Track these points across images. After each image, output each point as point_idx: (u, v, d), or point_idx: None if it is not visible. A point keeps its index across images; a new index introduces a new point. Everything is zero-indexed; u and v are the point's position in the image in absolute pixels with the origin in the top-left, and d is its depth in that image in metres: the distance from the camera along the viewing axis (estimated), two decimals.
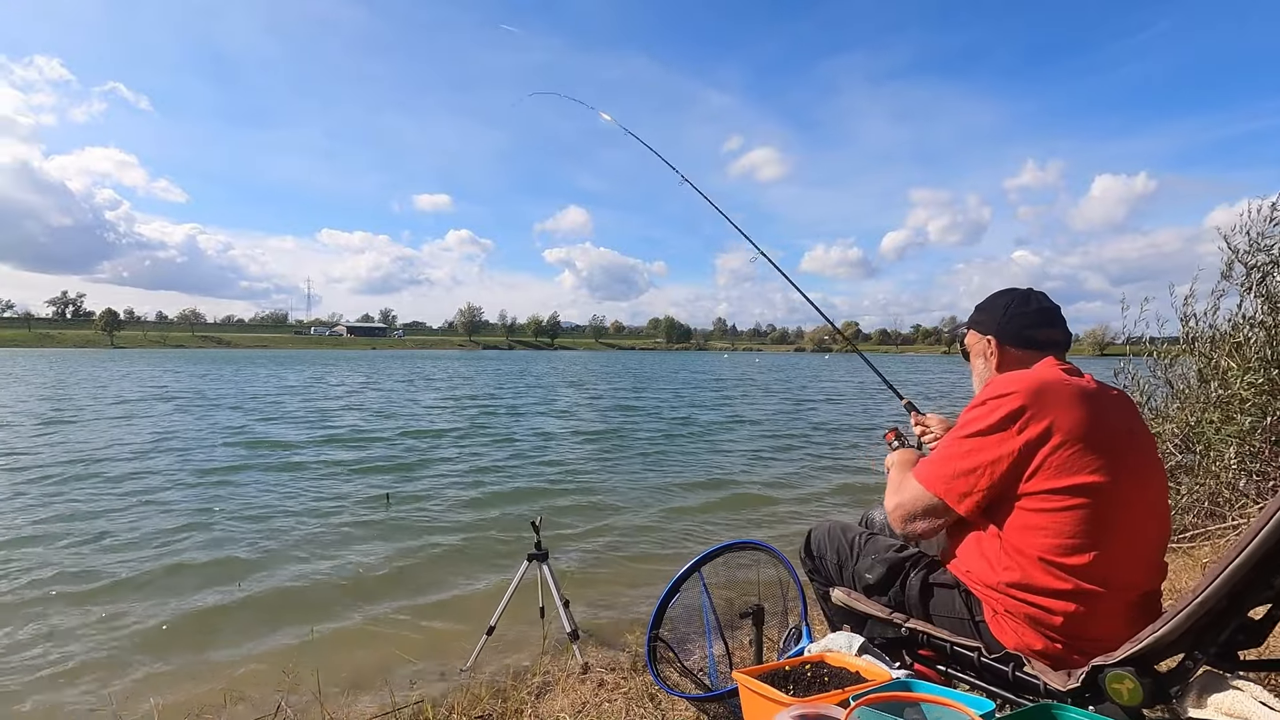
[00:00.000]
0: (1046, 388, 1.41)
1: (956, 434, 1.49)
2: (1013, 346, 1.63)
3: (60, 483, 7.18)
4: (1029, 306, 1.64)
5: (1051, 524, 1.36)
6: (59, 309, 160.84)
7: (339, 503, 6.47)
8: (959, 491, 1.45)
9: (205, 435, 11.07)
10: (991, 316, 1.68)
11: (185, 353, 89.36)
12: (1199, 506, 4.18)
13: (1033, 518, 1.38)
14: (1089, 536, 1.34)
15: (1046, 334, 1.62)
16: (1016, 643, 1.43)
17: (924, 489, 1.51)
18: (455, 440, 10.92)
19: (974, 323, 1.74)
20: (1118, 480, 1.35)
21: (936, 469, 1.50)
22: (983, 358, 1.69)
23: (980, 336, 1.70)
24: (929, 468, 1.53)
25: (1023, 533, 1.40)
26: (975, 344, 1.72)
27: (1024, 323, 1.63)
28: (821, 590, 1.90)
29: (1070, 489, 1.35)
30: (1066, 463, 1.35)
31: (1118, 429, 1.42)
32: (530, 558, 3.09)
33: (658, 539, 5.38)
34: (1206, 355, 4.24)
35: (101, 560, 4.66)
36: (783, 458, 9.46)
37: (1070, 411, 1.38)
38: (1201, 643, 1.17)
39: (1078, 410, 1.38)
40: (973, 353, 1.74)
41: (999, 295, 1.72)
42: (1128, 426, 1.46)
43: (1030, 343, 1.61)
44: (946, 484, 1.47)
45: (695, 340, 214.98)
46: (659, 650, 2.34)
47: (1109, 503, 1.35)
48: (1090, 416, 1.38)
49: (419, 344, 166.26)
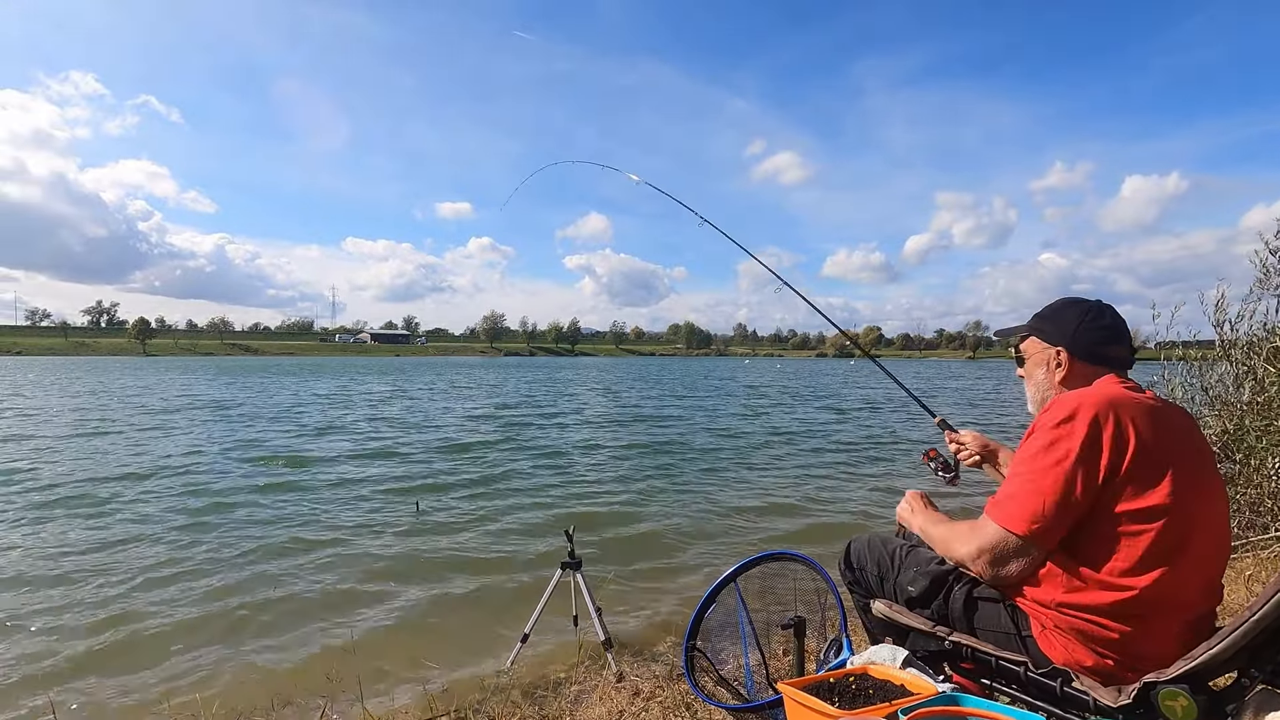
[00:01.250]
0: (1118, 407, 1.37)
1: (1031, 464, 1.41)
2: (1082, 361, 1.58)
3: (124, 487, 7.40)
4: (1103, 320, 1.59)
5: (1123, 546, 1.33)
6: (94, 318, 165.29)
7: (370, 509, 6.58)
8: (1046, 528, 1.37)
9: (244, 446, 11.29)
10: (1061, 328, 1.62)
11: (216, 360, 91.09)
12: (1240, 516, 4.10)
13: (1103, 540, 1.35)
14: (1157, 558, 1.31)
15: (1116, 350, 1.57)
16: (1065, 658, 1.42)
17: (1007, 531, 1.41)
18: (487, 449, 11.00)
19: (1036, 330, 1.68)
20: (1187, 499, 1.32)
21: (1019, 506, 1.40)
22: (1044, 368, 1.64)
23: (1046, 346, 1.65)
24: (1009, 507, 1.42)
25: (1089, 554, 1.37)
26: (1038, 353, 1.67)
27: (1097, 337, 1.57)
28: (862, 602, 1.90)
29: (1143, 512, 1.31)
30: (1141, 484, 1.32)
31: (1186, 447, 1.39)
32: (564, 566, 3.13)
33: (691, 550, 5.37)
34: (1244, 361, 4.17)
35: (147, 560, 4.79)
36: (821, 469, 9.39)
37: (1143, 431, 1.34)
38: (1257, 660, 1.16)
39: (1150, 429, 1.35)
40: (1032, 361, 1.69)
41: (1068, 306, 1.66)
42: (1194, 443, 1.43)
43: (1100, 359, 1.57)
44: (1032, 523, 1.37)
45: (716, 345, 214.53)
46: (696, 660, 2.35)
47: (1179, 523, 1.32)
48: (1161, 435, 1.35)
49: (441, 350, 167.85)
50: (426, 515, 6.36)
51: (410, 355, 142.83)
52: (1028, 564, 1.43)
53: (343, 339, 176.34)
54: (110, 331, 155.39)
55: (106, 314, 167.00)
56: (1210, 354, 4.53)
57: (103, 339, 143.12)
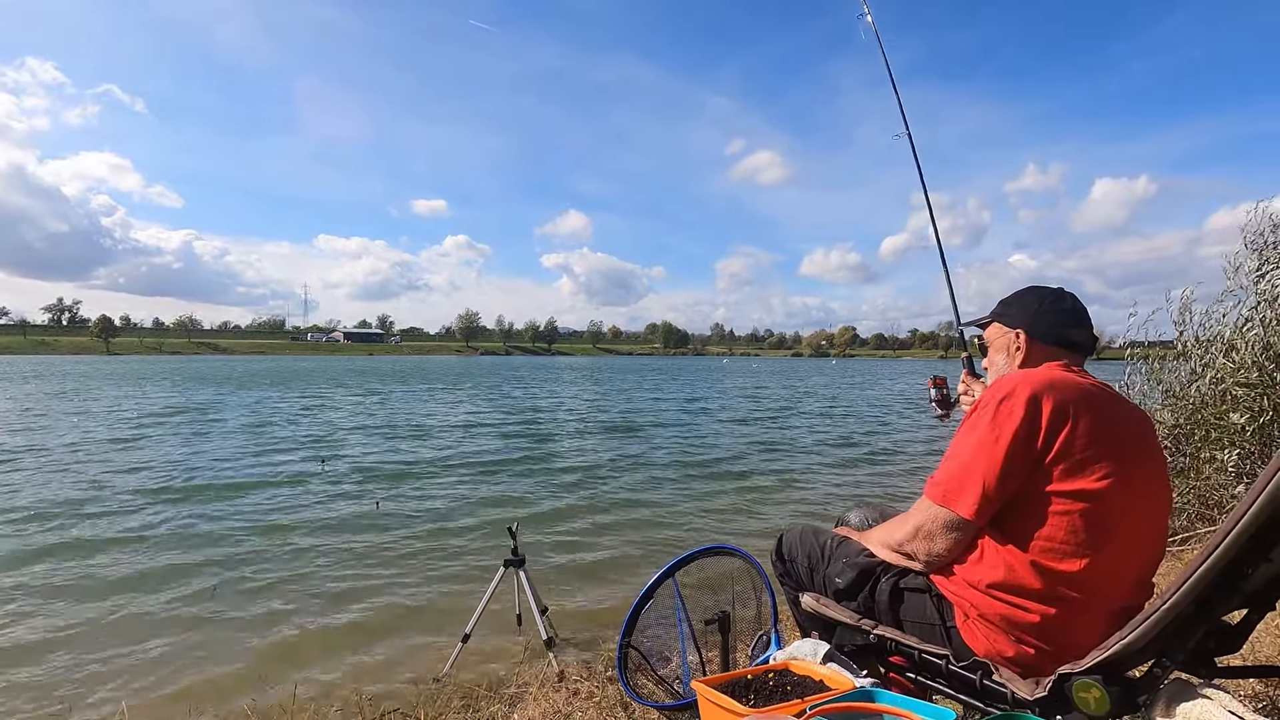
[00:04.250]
0: (1058, 389, 1.35)
1: (965, 439, 1.42)
2: (1043, 343, 1.56)
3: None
4: (1063, 304, 1.58)
5: (1050, 527, 1.31)
6: (55, 316, 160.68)
7: (326, 508, 6.41)
8: (976, 503, 1.36)
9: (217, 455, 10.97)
10: (1022, 311, 1.61)
11: (181, 361, 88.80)
12: (1189, 509, 4.15)
13: (1032, 520, 1.33)
14: (1085, 542, 1.29)
15: (1078, 334, 1.56)
16: (986, 649, 1.38)
17: (939, 507, 1.42)
18: (445, 445, 10.84)
19: (998, 316, 1.67)
20: (1123, 489, 1.30)
21: (950, 482, 1.41)
22: (1005, 353, 1.62)
23: (1005, 330, 1.63)
24: (944, 483, 1.43)
25: (1019, 534, 1.35)
26: (998, 338, 1.65)
27: (1058, 320, 1.56)
28: (792, 595, 1.84)
29: (1075, 493, 1.29)
30: (1076, 465, 1.30)
31: (1127, 437, 1.37)
32: (507, 563, 3.04)
33: (644, 545, 5.32)
34: (1200, 355, 4.23)
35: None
36: (781, 460, 9.40)
37: (1081, 415, 1.32)
38: (1170, 649, 1.12)
39: (1088, 414, 1.33)
40: (993, 347, 1.67)
41: (1029, 291, 1.65)
42: (1137, 435, 1.41)
43: (1062, 340, 1.55)
44: (962, 497, 1.38)
45: (693, 345, 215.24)
46: (632, 658, 2.28)
47: (1111, 511, 1.30)
48: (1099, 421, 1.33)
49: (416, 349, 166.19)
50: (382, 513, 6.22)
51: (384, 354, 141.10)
52: (959, 540, 1.43)
53: (315, 338, 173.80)
54: (72, 330, 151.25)
55: (69, 311, 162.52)
56: (1171, 353, 4.61)
57: (64, 337, 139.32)
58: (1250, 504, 0.95)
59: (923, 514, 1.46)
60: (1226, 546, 0.99)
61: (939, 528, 1.43)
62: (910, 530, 1.49)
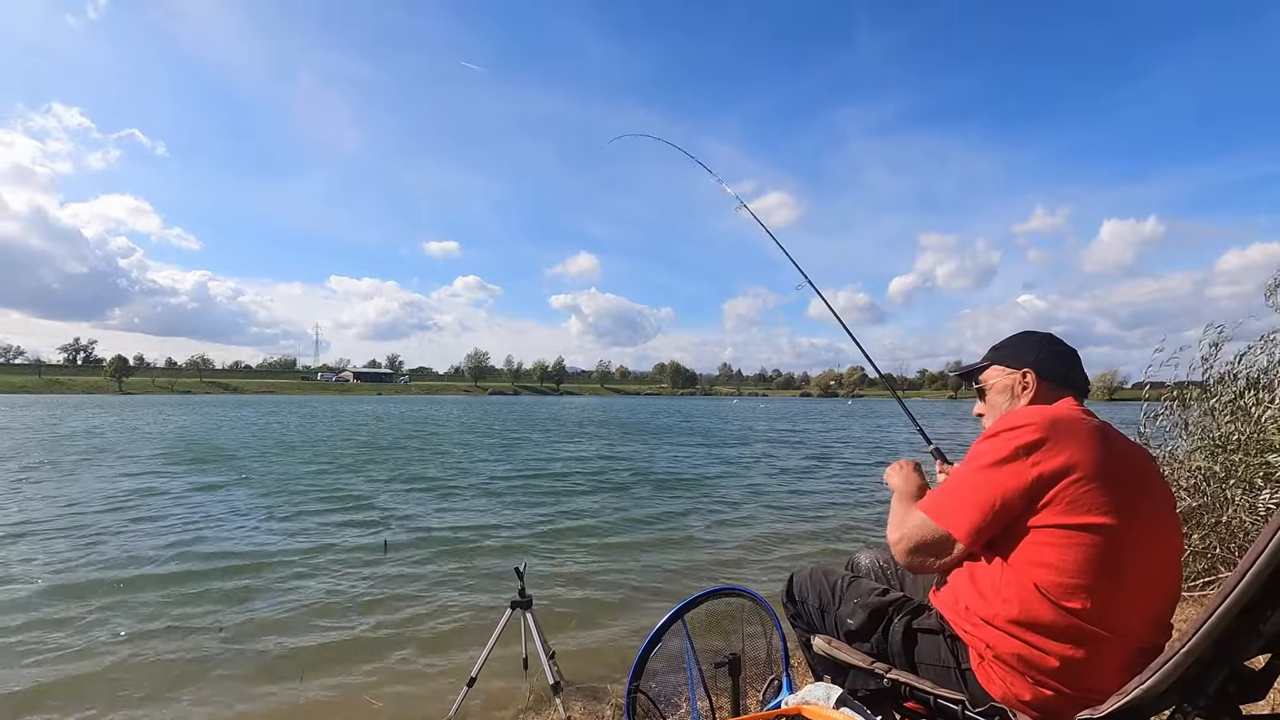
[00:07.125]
0: (1063, 422, 1.37)
1: (968, 465, 1.44)
2: (1049, 382, 1.59)
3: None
4: (1060, 347, 1.64)
5: (1057, 560, 1.30)
6: (70, 355, 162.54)
7: (335, 550, 6.36)
8: (968, 526, 1.38)
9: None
10: (1024, 353, 1.64)
11: (191, 399, 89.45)
12: (1211, 552, 4.06)
13: (1038, 551, 1.32)
14: (1094, 577, 1.28)
15: (1077, 375, 1.61)
16: (1004, 692, 1.35)
17: (930, 521, 1.45)
18: (460, 486, 10.79)
19: (998, 359, 1.69)
20: (1129, 525, 1.30)
21: (945, 501, 1.44)
22: (1008, 394, 1.64)
23: (1009, 371, 1.65)
24: (937, 499, 1.47)
25: (1026, 566, 1.34)
26: (1000, 379, 1.67)
27: (1059, 361, 1.61)
28: (804, 638, 1.82)
29: (1081, 526, 1.29)
30: (1080, 499, 1.30)
31: (1132, 474, 1.37)
32: (513, 605, 3.00)
33: (652, 586, 5.24)
34: (1233, 398, 4.19)
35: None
36: (793, 507, 9.27)
37: (1087, 448, 1.33)
38: (1191, 694, 1.09)
39: (1095, 448, 1.33)
40: (994, 389, 1.68)
41: (1024, 335, 1.69)
42: (1142, 474, 1.40)
43: (1064, 381, 1.59)
44: (954, 517, 1.41)
45: (701, 385, 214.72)
46: (640, 703, 2.23)
47: (1118, 546, 1.29)
48: (1107, 456, 1.34)
49: (425, 389, 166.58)
50: (392, 555, 6.16)
51: (393, 394, 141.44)
52: (944, 558, 1.46)
53: (325, 377, 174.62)
54: (86, 369, 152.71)
55: (84, 351, 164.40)
56: (1185, 394, 4.59)
57: (78, 377, 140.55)
58: (1266, 544, 0.94)
59: (913, 523, 1.49)
60: (1244, 587, 0.97)
61: (927, 543, 1.46)
62: (897, 535, 1.52)
